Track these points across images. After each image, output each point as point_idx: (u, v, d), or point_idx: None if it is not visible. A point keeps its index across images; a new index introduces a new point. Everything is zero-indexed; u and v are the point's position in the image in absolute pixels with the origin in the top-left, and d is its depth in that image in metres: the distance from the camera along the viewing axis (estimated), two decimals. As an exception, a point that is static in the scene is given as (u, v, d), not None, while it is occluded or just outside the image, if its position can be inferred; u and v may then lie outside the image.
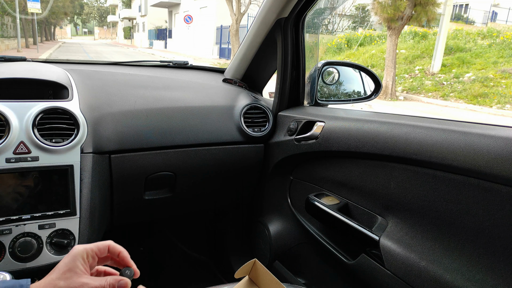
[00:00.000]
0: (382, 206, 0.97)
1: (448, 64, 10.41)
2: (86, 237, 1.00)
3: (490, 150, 0.71)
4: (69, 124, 1.01)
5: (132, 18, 43.92)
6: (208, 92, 1.40)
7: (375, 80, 1.41)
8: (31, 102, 0.99)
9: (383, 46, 11.90)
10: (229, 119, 1.33)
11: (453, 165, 0.76)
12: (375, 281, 0.94)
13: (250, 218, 1.60)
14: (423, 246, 0.85)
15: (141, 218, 1.36)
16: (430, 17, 8.88)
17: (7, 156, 0.92)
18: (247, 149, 1.35)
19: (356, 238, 0.99)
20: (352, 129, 1.05)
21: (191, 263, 1.80)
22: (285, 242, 1.37)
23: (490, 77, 9.10)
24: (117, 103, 1.17)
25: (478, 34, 12.10)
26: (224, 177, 1.38)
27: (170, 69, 1.58)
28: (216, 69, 1.67)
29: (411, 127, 0.89)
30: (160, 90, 1.31)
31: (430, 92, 9.42)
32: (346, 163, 1.09)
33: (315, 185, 1.22)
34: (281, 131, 1.34)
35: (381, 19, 8.98)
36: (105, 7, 65.62)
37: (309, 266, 1.31)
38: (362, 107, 4.31)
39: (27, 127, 0.95)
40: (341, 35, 15.26)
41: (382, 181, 0.96)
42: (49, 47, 22.24)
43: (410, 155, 0.86)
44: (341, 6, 16.74)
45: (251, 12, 14.85)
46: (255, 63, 1.47)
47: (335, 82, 1.48)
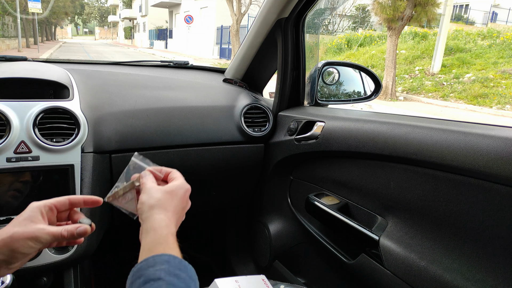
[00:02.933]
0: (382, 206, 0.97)
1: (448, 64, 10.41)
2: (86, 237, 1.00)
3: (490, 150, 0.71)
4: (70, 123, 1.01)
5: (132, 18, 43.94)
6: (209, 92, 1.40)
7: (375, 80, 1.41)
8: (32, 102, 0.99)
9: (383, 46, 11.90)
10: (230, 119, 1.33)
11: (453, 165, 0.77)
12: (375, 280, 0.94)
13: (250, 218, 1.60)
14: (423, 246, 0.85)
15: None
16: (430, 18, 8.89)
17: (7, 155, 0.92)
18: (247, 149, 1.35)
19: (356, 238, 0.99)
20: (352, 129, 1.05)
21: (191, 263, 1.79)
22: (285, 242, 1.37)
23: (490, 78, 9.10)
24: (117, 103, 1.18)
25: (478, 34, 12.10)
26: (224, 177, 1.38)
27: (170, 69, 1.59)
28: (217, 69, 1.68)
29: (411, 127, 0.89)
30: (160, 90, 1.31)
31: (430, 92, 9.42)
32: (346, 163, 1.09)
33: (315, 185, 1.22)
34: (281, 131, 1.34)
35: (381, 19, 8.98)
36: (106, 7, 65.62)
37: (309, 266, 1.31)
38: (362, 107, 4.32)
39: (27, 126, 0.95)
40: (341, 36, 15.26)
41: (382, 181, 0.96)
42: (49, 47, 22.25)
43: (410, 155, 0.86)
44: (341, 7, 16.75)
45: (251, 13, 14.86)
46: (256, 63, 1.48)
47: (335, 82, 1.48)
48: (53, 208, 0.62)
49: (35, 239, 0.56)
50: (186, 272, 0.50)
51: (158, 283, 0.46)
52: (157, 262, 0.49)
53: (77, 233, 0.60)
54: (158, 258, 0.50)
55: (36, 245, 0.56)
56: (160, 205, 0.58)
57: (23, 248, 0.55)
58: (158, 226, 0.55)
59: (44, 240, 0.57)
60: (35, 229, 0.56)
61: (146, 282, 0.46)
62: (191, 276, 0.51)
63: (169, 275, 0.47)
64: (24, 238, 0.55)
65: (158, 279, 0.46)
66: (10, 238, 0.55)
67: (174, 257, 0.51)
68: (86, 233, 0.61)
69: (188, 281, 0.49)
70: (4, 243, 0.55)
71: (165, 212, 0.57)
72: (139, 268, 0.49)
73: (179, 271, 0.49)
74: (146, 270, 0.48)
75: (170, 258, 0.50)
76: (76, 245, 0.98)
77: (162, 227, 0.55)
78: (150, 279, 0.46)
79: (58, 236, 0.58)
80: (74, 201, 0.65)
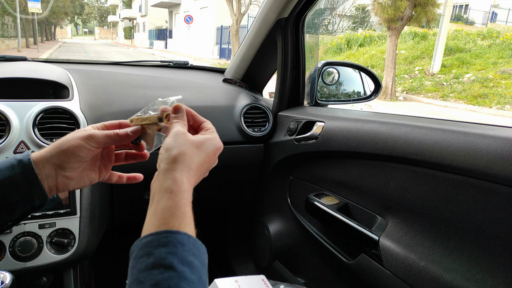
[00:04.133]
0: (382, 206, 0.98)
1: (448, 64, 10.42)
2: (86, 237, 1.00)
3: (490, 150, 0.71)
4: (70, 123, 1.01)
5: (132, 18, 43.94)
6: (208, 92, 1.40)
7: (375, 80, 1.41)
8: (31, 102, 0.99)
9: (383, 46, 11.90)
10: (229, 119, 1.33)
11: (452, 165, 0.77)
12: (375, 281, 0.94)
13: (250, 218, 1.60)
14: (423, 246, 0.85)
15: (141, 218, 1.36)
16: (430, 18, 8.89)
17: (7, 155, 0.92)
18: (247, 149, 1.35)
19: (356, 238, 0.99)
20: (352, 129, 1.05)
21: None
22: (285, 242, 1.37)
23: (489, 78, 9.10)
24: (117, 103, 1.17)
25: (478, 34, 12.10)
26: (224, 177, 1.38)
27: (170, 69, 1.59)
28: (216, 69, 1.68)
29: (411, 127, 0.89)
30: (160, 90, 1.31)
31: (429, 92, 9.42)
32: (346, 163, 1.09)
33: (315, 185, 1.22)
34: (281, 131, 1.35)
35: (381, 19, 8.98)
36: (106, 7, 65.60)
37: (309, 266, 1.31)
38: (362, 107, 4.32)
39: (27, 126, 0.95)
40: (341, 36, 15.26)
41: (381, 181, 0.96)
42: (49, 47, 22.24)
43: (409, 155, 0.86)
44: (341, 7, 16.75)
45: (251, 13, 14.86)
46: (255, 63, 1.48)
47: (335, 82, 1.48)
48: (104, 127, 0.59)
49: (87, 138, 0.54)
50: (199, 258, 0.45)
51: (168, 273, 0.41)
52: (170, 242, 0.43)
53: (131, 131, 0.58)
54: (172, 237, 0.44)
55: (88, 144, 0.54)
56: (184, 160, 0.51)
57: (75, 149, 0.54)
58: (177, 189, 0.49)
59: (97, 138, 0.55)
60: (88, 129, 0.56)
61: (156, 267, 0.41)
62: (204, 262, 0.46)
63: (182, 263, 0.42)
64: (76, 137, 0.54)
65: (169, 268, 0.41)
66: (63, 139, 0.54)
67: (189, 237, 0.45)
68: (137, 132, 0.58)
69: (200, 270, 0.44)
70: (57, 145, 0.54)
71: (188, 171, 0.51)
72: (149, 243, 0.44)
73: (192, 256, 0.44)
74: (157, 249, 0.43)
75: (184, 239, 0.45)
76: (76, 245, 0.98)
77: (181, 193, 0.49)
78: (160, 264, 0.41)
79: (111, 135, 0.56)
80: (124, 124, 0.61)
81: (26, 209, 0.52)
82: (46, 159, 0.53)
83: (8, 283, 0.78)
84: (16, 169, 0.51)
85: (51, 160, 0.53)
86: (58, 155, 0.54)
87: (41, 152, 0.54)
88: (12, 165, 0.52)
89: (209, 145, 0.56)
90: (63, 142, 0.54)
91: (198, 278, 0.43)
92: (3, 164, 0.52)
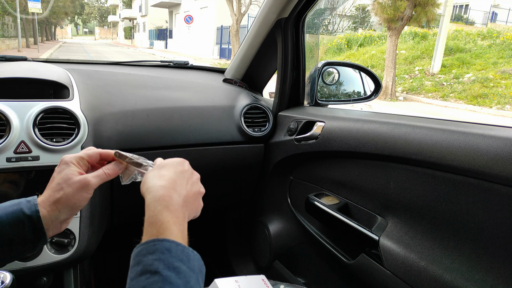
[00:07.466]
0: (382, 206, 0.98)
1: (448, 64, 10.41)
2: (86, 236, 1.00)
3: (490, 150, 0.71)
4: (70, 123, 1.01)
5: (132, 18, 43.95)
6: (209, 92, 1.40)
7: (375, 80, 1.41)
8: (31, 102, 0.99)
9: (383, 46, 11.90)
10: (229, 119, 1.33)
11: (452, 165, 0.77)
12: (375, 280, 0.94)
13: (250, 218, 1.60)
14: (423, 246, 0.85)
15: (141, 218, 1.36)
16: (430, 18, 8.89)
17: (7, 155, 0.92)
18: (247, 149, 1.35)
19: (356, 238, 0.99)
20: (352, 129, 1.05)
21: None
22: (285, 242, 1.37)
23: (490, 78, 9.10)
24: (117, 103, 1.18)
25: (478, 34, 12.10)
26: (224, 177, 1.38)
27: (170, 69, 1.59)
28: (217, 69, 1.68)
29: (411, 127, 0.89)
30: (160, 90, 1.31)
31: (430, 92, 9.42)
32: (346, 163, 1.09)
33: (315, 185, 1.22)
34: (281, 131, 1.35)
35: (381, 19, 8.98)
36: (106, 7, 65.61)
37: (309, 266, 1.31)
38: (362, 107, 4.31)
39: (27, 126, 0.95)
40: (341, 36, 15.26)
41: (381, 181, 0.96)
42: (49, 47, 22.24)
43: (409, 155, 0.86)
44: (341, 7, 16.76)
45: (251, 13, 14.85)
46: (256, 63, 1.48)
47: (335, 82, 1.48)
48: (85, 163, 0.62)
49: (86, 188, 0.58)
50: (187, 264, 0.47)
51: (154, 278, 0.43)
52: (157, 249, 0.46)
53: (119, 169, 0.63)
54: (159, 244, 0.47)
55: (87, 193, 0.59)
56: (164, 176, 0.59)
57: (80, 203, 0.58)
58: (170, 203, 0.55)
59: (93, 185, 0.59)
60: (73, 170, 0.59)
61: (143, 273, 0.44)
62: (193, 268, 0.47)
63: (167, 268, 0.44)
64: (76, 189, 0.57)
65: (155, 273, 0.44)
66: (68, 194, 0.57)
67: (177, 244, 0.48)
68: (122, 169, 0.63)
69: (188, 275, 0.46)
70: (65, 202, 0.57)
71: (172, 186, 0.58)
72: (139, 253, 0.47)
73: (179, 262, 0.46)
74: (145, 257, 0.45)
75: (172, 246, 0.47)
76: (76, 245, 0.98)
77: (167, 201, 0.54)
78: (147, 271, 0.44)
79: (103, 176, 0.61)
80: (106, 155, 0.64)
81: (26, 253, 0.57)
82: (55, 216, 0.57)
83: (8, 283, 0.77)
84: (26, 228, 0.54)
85: (59, 217, 0.57)
86: (66, 211, 0.58)
87: (48, 209, 0.56)
88: (21, 222, 0.54)
89: (171, 161, 0.65)
90: (69, 197, 0.57)
91: (184, 282, 0.45)
92: (11, 217, 0.54)
